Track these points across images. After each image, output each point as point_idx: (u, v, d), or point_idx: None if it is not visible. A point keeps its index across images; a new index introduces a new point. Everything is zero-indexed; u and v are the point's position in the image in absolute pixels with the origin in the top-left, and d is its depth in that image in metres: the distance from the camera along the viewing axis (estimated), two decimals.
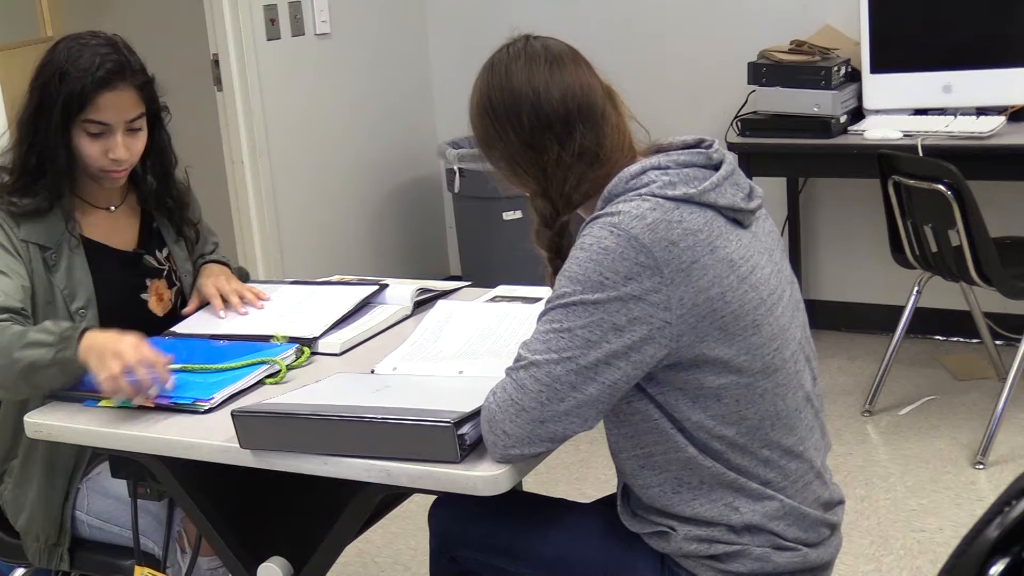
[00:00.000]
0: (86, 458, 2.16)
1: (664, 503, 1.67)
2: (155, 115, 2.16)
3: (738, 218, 1.65)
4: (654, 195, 1.59)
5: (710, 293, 1.56)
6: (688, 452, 1.62)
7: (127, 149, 2.09)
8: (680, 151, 1.66)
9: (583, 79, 1.69)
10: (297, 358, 2.04)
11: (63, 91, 2.03)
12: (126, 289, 2.19)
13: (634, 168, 1.63)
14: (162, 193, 2.25)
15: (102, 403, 1.91)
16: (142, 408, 1.87)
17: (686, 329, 1.56)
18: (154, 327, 2.16)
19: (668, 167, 1.62)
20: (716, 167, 1.66)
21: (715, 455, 1.63)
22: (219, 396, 1.88)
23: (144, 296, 2.21)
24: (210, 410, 1.85)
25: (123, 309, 2.15)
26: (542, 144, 1.66)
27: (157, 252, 2.26)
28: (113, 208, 2.22)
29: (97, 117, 2.05)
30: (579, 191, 1.68)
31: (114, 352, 1.85)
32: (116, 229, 2.21)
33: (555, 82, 1.67)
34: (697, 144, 1.69)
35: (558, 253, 1.70)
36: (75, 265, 2.11)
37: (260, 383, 1.95)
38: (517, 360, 1.59)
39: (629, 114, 1.73)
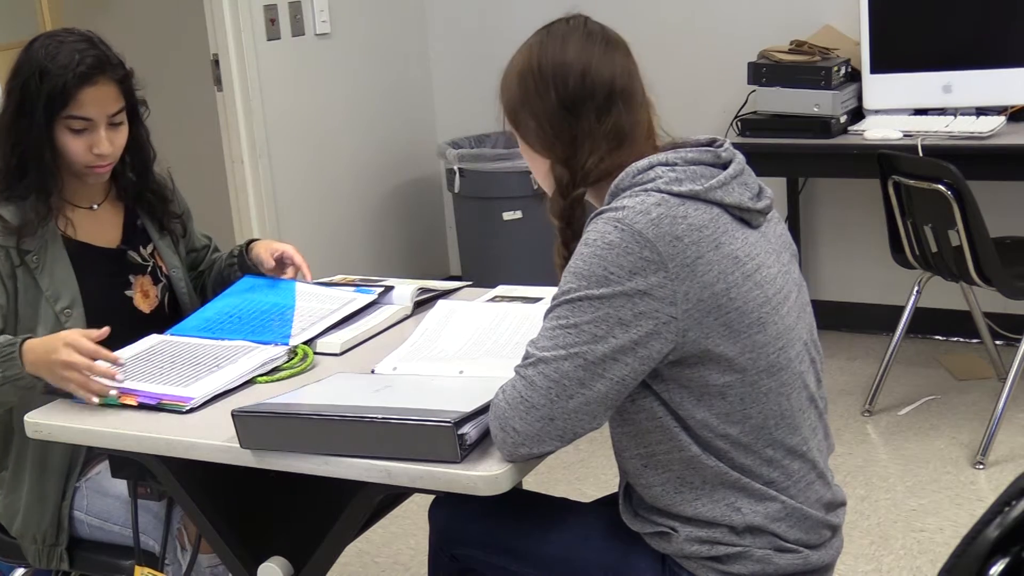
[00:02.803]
0: (81, 458, 2.16)
1: (666, 503, 1.67)
2: (133, 109, 2.16)
3: (745, 217, 1.65)
4: (659, 191, 1.59)
5: (715, 289, 1.56)
6: (691, 451, 1.62)
7: (110, 143, 2.10)
8: (689, 149, 1.67)
9: (631, 67, 1.72)
10: (291, 359, 2.03)
11: (44, 89, 2.03)
12: (111, 287, 2.18)
13: (641, 163, 1.63)
14: (142, 187, 2.26)
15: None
16: (142, 408, 1.87)
17: (692, 324, 1.56)
18: (140, 324, 2.16)
19: (675, 163, 1.63)
20: (724, 166, 1.66)
21: (719, 454, 1.63)
22: (201, 396, 1.87)
23: (129, 293, 2.21)
24: (192, 410, 1.84)
25: (108, 307, 2.15)
26: (580, 110, 1.67)
27: (141, 248, 2.25)
28: (95, 206, 2.22)
29: (80, 113, 2.06)
30: (599, 168, 1.68)
31: (62, 363, 1.88)
32: (99, 227, 2.22)
33: (606, 61, 1.68)
34: (709, 143, 1.70)
35: (569, 224, 1.71)
36: (58, 266, 2.11)
37: (251, 382, 1.95)
38: (525, 358, 1.59)
39: (655, 112, 1.75)
